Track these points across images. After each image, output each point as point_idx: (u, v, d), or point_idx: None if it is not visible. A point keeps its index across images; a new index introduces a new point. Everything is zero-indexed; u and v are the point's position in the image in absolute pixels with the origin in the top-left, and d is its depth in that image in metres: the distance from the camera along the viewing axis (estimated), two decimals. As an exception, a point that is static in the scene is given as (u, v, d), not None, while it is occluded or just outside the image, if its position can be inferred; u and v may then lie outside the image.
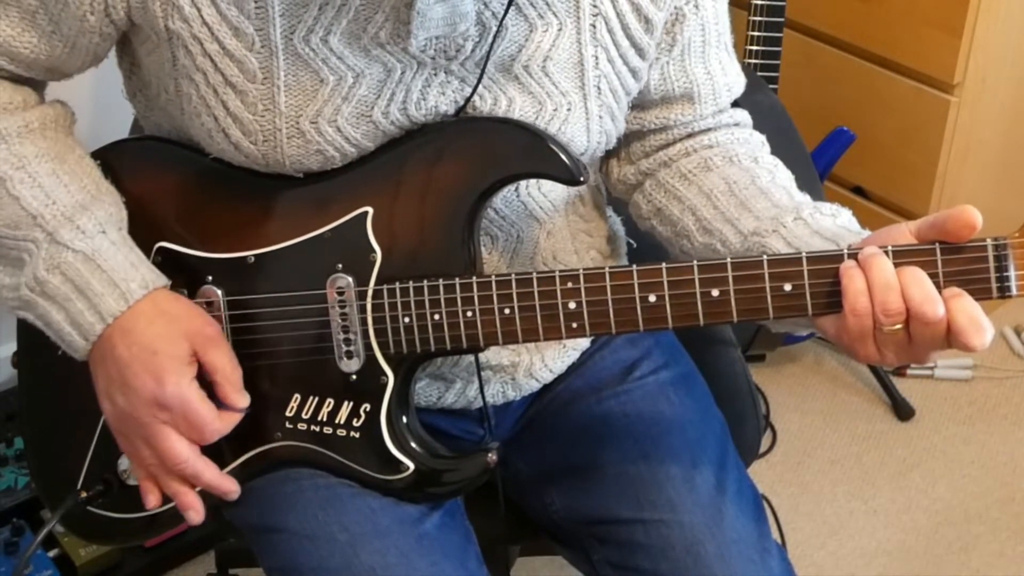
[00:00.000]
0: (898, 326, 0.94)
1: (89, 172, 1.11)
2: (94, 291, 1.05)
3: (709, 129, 1.20)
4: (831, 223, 1.06)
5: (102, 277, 1.05)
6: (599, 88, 1.11)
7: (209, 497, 1.14)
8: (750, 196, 1.12)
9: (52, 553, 1.79)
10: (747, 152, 1.17)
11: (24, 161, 1.08)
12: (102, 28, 1.06)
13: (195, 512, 1.10)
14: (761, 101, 1.69)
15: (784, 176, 1.16)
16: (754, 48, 2.05)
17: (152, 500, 1.11)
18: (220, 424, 1.06)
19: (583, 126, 1.12)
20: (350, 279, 1.07)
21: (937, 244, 0.95)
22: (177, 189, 1.13)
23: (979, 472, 2.16)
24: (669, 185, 1.18)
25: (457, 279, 1.05)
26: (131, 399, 1.05)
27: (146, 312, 1.05)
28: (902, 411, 2.27)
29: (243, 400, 1.08)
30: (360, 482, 1.12)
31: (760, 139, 1.22)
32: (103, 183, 1.11)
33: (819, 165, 2.13)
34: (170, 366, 1.04)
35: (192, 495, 1.10)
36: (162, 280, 1.08)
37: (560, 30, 1.08)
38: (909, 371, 2.34)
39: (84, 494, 1.14)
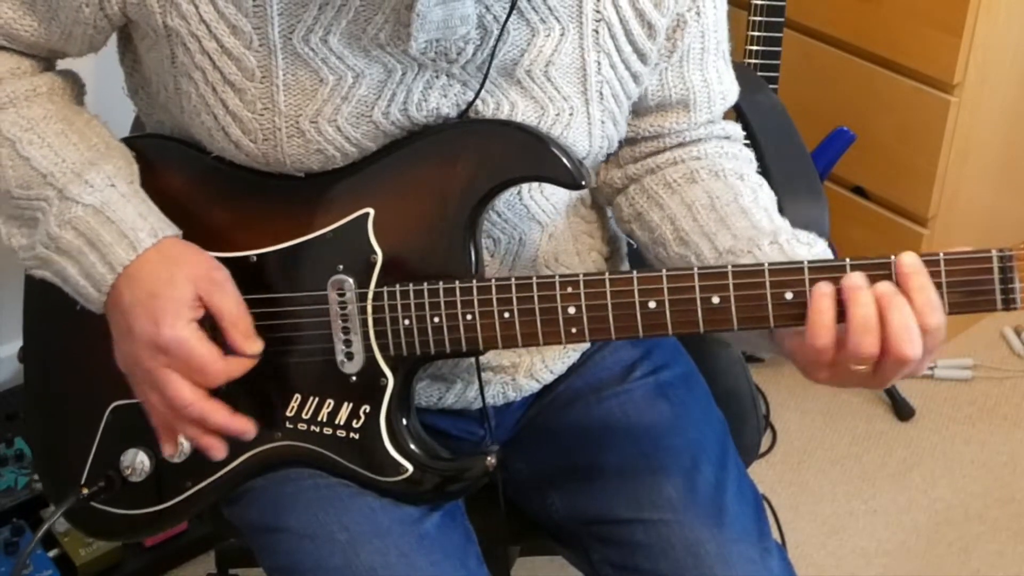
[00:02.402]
0: (864, 367, 0.94)
1: (98, 132, 1.12)
2: (104, 242, 1.05)
3: (700, 139, 1.20)
4: (805, 251, 1.06)
5: (112, 228, 1.05)
6: (601, 93, 1.11)
7: (209, 496, 1.15)
8: (730, 213, 1.11)
9: (52, 553, 1.79)
10: (734, 168, 1.17)
11: (32, 123, 1.09)
12: (96, 21, 1.07)
13: (216, 450, 1.09)
14: (761, 101, 1.68)
15: (767, 197, 1.15)
16: (754, 48, 2.05)
17: (167, 448, 1.10)
18: (224, 365, 1.05)
19: (585, 131, 1.12)
20: (351, 280, 1.07)
21: (941, 254, 0.95)
22: (180, 188, 1.13)
23: (979, 472, 2.16)
24: (652, 191, 1.18)
25: (457, 282, 1.05)
26: (133, 344, 1.05)
27: (152, 259, 1.05)
28: (902, 411, 2.27)
29: (252, 346, 1.07)
30: (359, 483, 1.12)
31: (748, 156, 1.22)
32: (112, 141, 1.12)
33: (819, 165, 2.13)
34: (169, 308, 1.03)
35: (207, 437, 1.08)
36: (172, 229, 1.08)
37: (563, 35, 1.08)
38: (909, 371, 2.34)
39: (85, 491, 1.14)
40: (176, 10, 1.03)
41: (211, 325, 1.06)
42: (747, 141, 1.26)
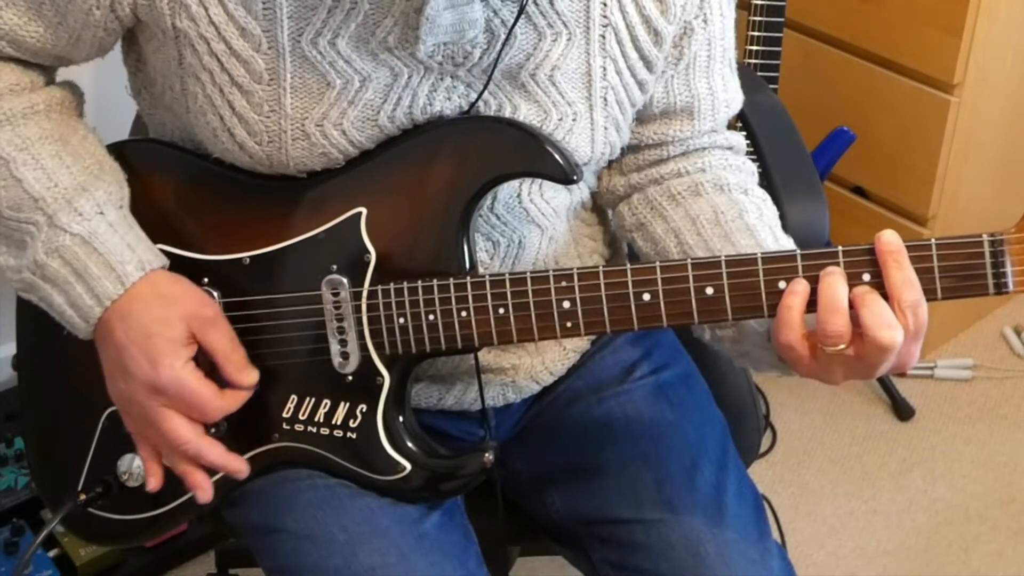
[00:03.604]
0: (842, 347, 0.95)
1: (92, 151, 1.11)
2: (91, 275, 1.05)
3: (703, 149, 1.19)
4: None
5: (99, 260, 1.05)
6: (605, 99, 1.11)
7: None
8: (735, 229, 1.11)
9: (52, 553, 1.79)
10: (738, 182, 1.17)
11: (28, 143, 1.08)
12: (107, 23, 1.06)
13: (203, 491, 1.09)
14: (761, 101, 1.68)
15: (771, 214, 1.16)
16: (754, 48, 2.05)
17: (153, 482, 1.11)
18: (222, 402, 1.06)
19: (588, 136, 1.12)
20: (345, 280, 1.07)
21: (933, 240, 0.96)
22: (173, 191, 1.13)
23: (979, 472, 2.16)
24: (656, 202, 1.18)
25: (451, 279, 1.05)
26: (130, 383, 1.05)
27: (143, 295, 1.05)
28: (902, 411, 2.27)
29: (247, 377, 1.07)
30: (358, 482, 1.12)
31: (751, 168, 1.22)
32: (107, 160, 1.11)
33: (819, 165, 2.12)
34: (165, 349, 1.04)
35: (199, 474, 1.09)
36: (160, 260, 1.08)
37: (569, 40, 1.07)
38: (909, 371, 2.33)
39: (83, 496, 1.14)
40: (185, 12, 1.02)
41: (205, 360, 1.07)
42: (750, 147, 1.26)
